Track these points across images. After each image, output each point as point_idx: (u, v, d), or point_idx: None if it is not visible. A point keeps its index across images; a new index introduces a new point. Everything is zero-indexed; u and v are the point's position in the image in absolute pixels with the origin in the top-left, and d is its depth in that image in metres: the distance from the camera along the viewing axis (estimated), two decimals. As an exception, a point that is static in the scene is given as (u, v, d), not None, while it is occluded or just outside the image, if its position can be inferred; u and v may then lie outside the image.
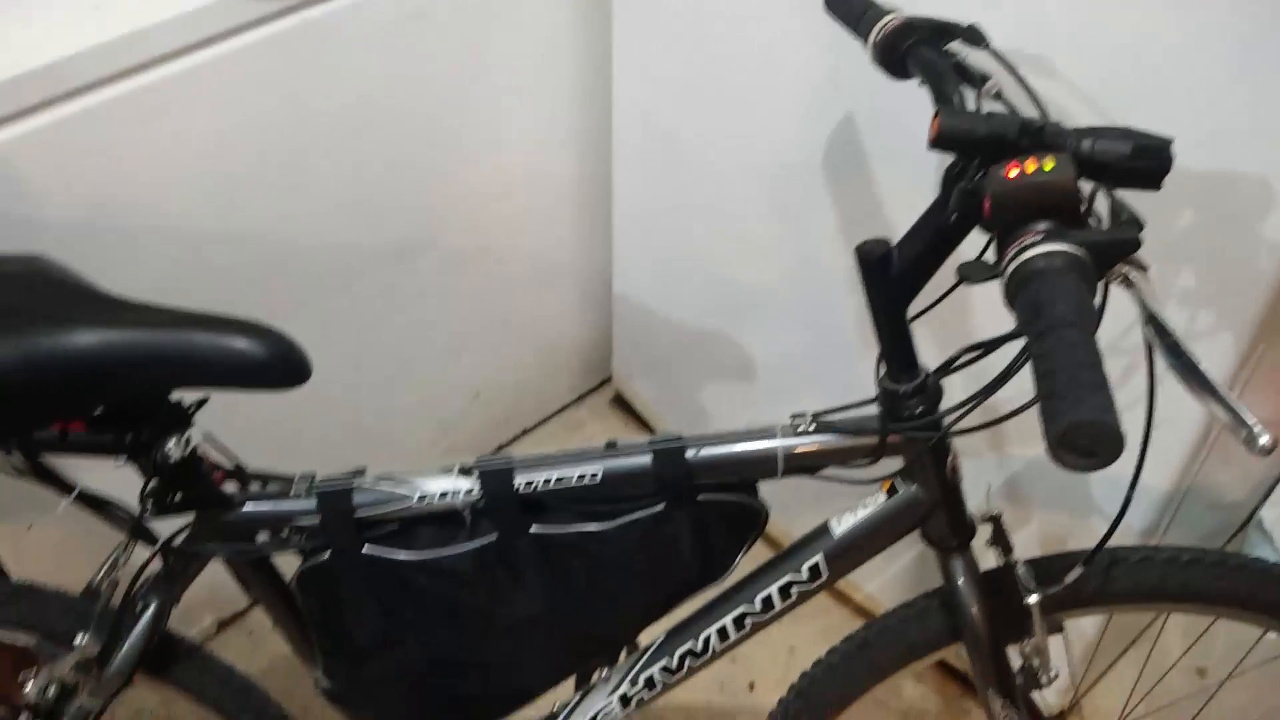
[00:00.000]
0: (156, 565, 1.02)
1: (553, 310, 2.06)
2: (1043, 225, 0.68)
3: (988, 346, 0.84)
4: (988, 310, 1.25)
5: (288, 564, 1.02)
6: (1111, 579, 0.99)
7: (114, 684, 1.05)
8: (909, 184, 1.25)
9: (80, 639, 1.03)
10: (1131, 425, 0.59)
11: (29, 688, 1.07)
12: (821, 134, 1.35)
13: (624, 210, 1.84)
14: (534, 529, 0.97)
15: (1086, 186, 0.72)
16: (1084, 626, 1.41)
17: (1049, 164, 0.69)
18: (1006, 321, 0.70)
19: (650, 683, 1.07)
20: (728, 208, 1.59)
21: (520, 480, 0.95)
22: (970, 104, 0.84)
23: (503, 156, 1.73)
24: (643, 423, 2.16)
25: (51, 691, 1.07)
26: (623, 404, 2.22)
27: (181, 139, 1.32)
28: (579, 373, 2.23)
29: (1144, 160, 0.72)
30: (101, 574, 1.07)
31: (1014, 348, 0.81)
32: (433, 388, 1.93)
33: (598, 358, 2.21)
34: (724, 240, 1.64)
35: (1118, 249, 0.69)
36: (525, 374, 2.10)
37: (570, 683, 1.14)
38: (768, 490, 1.00)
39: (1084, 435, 0.57)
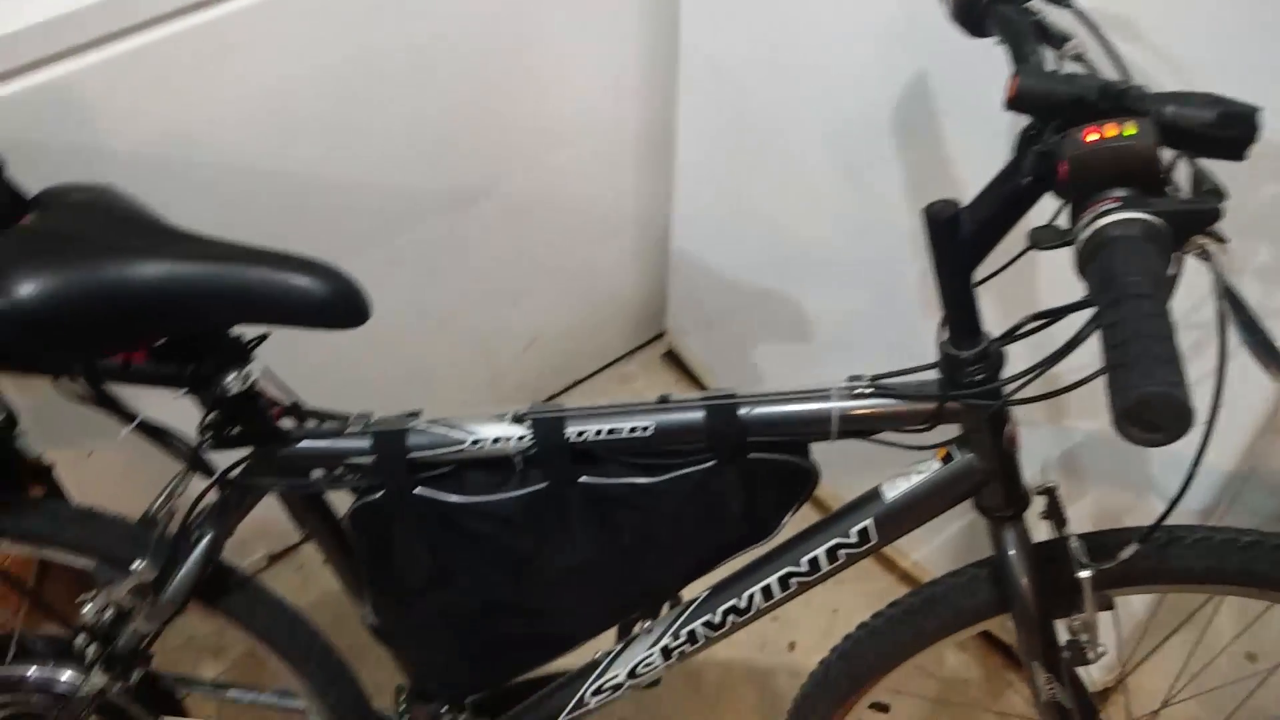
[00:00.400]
0: (213, 496, 1.04)
1: (609, 262, 2.05)
2: (1120, 192, 0.67)
3: (1054, 315, 0.82)
4: (1053, 278, 1.22)
5: (341, 501, 1.03)
6: (1167, 558, 0.97)
7: (168, 610, 1.07)
8: (979, 146, 1.23)
9: (137, 565, 1.05)
10: (1197, 403, 0.57)
11: (87, 610, 1.10)
12: (893, 91, 1.33)
13: (686, 162, 1.82)
14: (583, 479, 0.97)
15: (1167, 154, 0.70)
16: (1134, 604, 1.39)
17: (1130, 129, 0.67)
18: (1072, 291, 0.69)
19: (692, 636, 1.08)
20: (792, 163, 1.57)
21: (572, 430, 0.95)
22: (1049, 65, 0.82)
23: (567, 102, 1.72)
24: (694, 379, 2.16)
25: (108, 614, 1.10)
26: (674, 360, 2.22)
27: (249, 76, 1.32)
28: (632, 326, 2.23)
29: (1229, 128, 0.70)
30: (159, 502, 1.09)
31: (1080, 318, 0.79)
32: (487, 335, 1.94)
33: (651, 312, 2.21)
34: (787, 196, 1.62)
35: (1197, 220, 0.67)
36: (579, 325, 2.10)
37: (612, 633, 1.15)
38: (815, 450, 0.99)
39: (1152, 409, 0.56)
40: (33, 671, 1.19)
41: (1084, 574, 0.94)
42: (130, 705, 1.22)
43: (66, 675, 1.19)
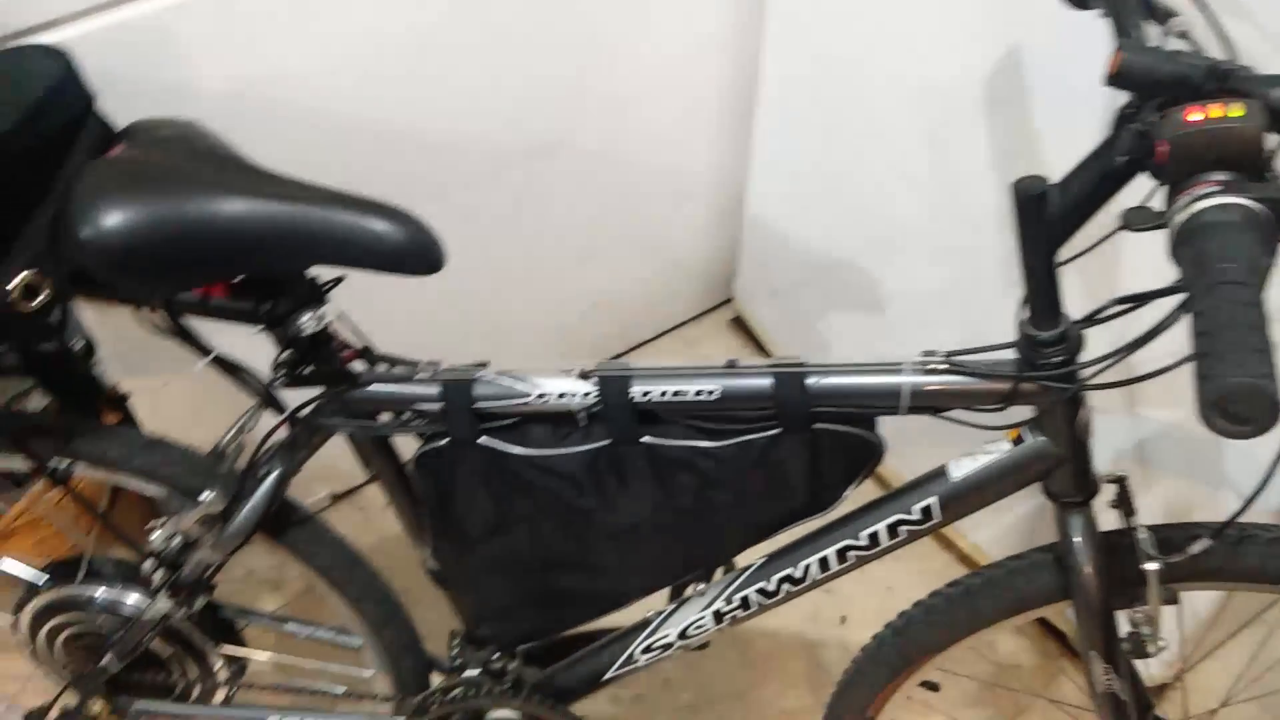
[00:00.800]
0: (282, 434, 1.06)
1: (681, 224, 2.04)
2: (1220, 176, 0.65)
3: (1141, 299, 0.80)
4: (1140, 262, 1.19)
5: (407, 446, 1.04)
6: (1238, 556, 0.95)
7: (233, 542, 1.10)
8: (1072, 123, 1.19)
9: (206, 496, 1.08)
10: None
11: (155, 536, 1.13)
12: (986, 60, 1.30)
13: (765, 126, 1.80)
14: (645, 439, 0.97)
15: (1272, 139, 0.68)
16: (1198, 601, 1.36)
17: (1236, 111, 0.65)
18: (1159, 276, 0.67)
19: (745, 602, 1.08)
20: (876, 131, 1.54)
21: (637, 389, 0.95)
22: (1153, 41, 0.79)
23: (649, 59, 1.71)
24: (759, 346, 2.15)
25: (175, 542, 1.13)
26: (741, 326, 2.21)
27: (338, 23, 1.33)
28: (700, 290, 2.22)
29: (1341, 115, 0.67)
30: (229, 436, 1.12)
31: (1166, 304, 0.77)
32: (555, 291, 1.94)
33: (721, 277, 2.20)
34: (867, 165, 1.60)
35: (1301, 208, 0.65)
36: (647, 286, 2.10)
37: (664, 593, 1.15)
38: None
39: (1240, 400, 0.54)
40: (101, 592, 1.23)
41: (1151, 566, 0.92)
42: (192, 632, 1.25)
43: (132, 599, 1.22)
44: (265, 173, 0.91)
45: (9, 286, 0.85)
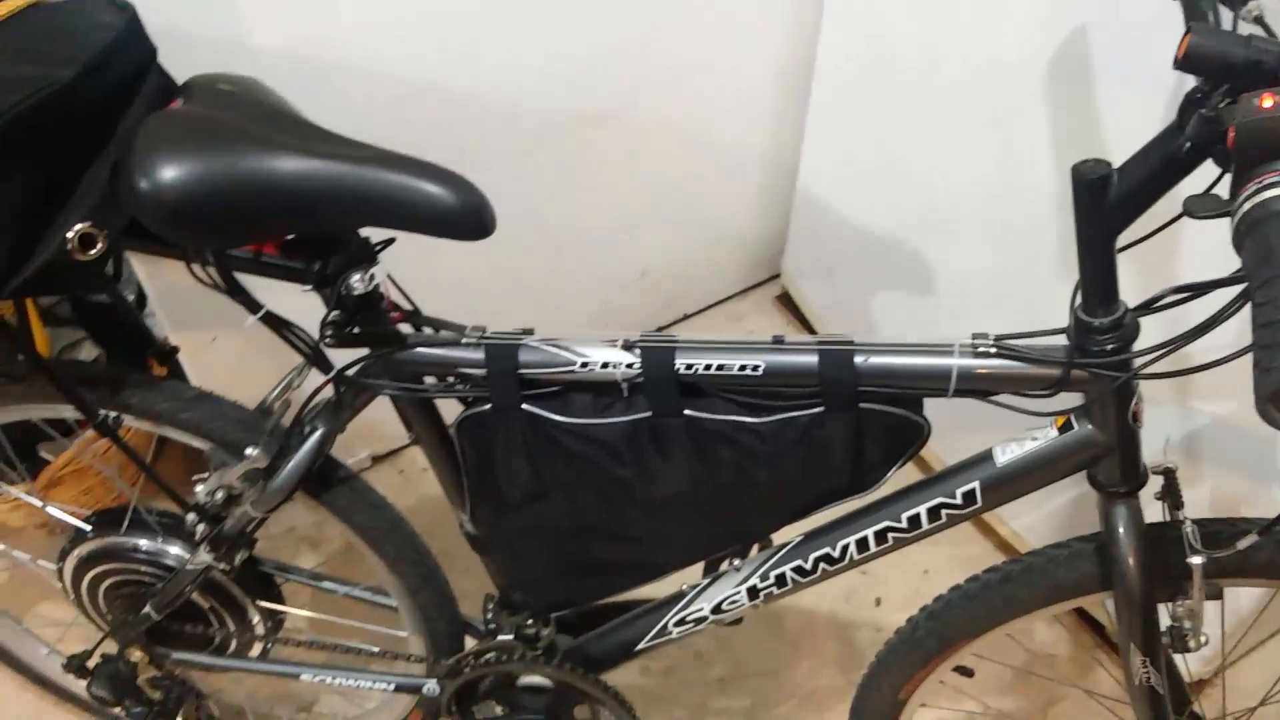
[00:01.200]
0: (328, 393, 1.06)
1: (731, 197, 2.03)
2: (1290, 165, 0.63)
3: (1200, 289, 0.78)
4: (1198, 252, 1.17)
5: (449, 410, 1.04)
6: (1286, 554, 0.94)
7: (275, 498, 1.11)
8: (1137, 107, 1.17)
9: (251, 451, 1.09)
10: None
11: (199, 490, 1.14)
12: (1051, 40, 1.28)
13: (820, 102, 1.78)
14: (688, 412, 0.97)
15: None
16: (1241, 597, 1.34)
17: (1310, 99, 0.63)
18: (1220, 265, 0.65)
19: (781, 580, 1.08)
20: (935, 110, 1.52)
21: (681, 362, 0.94)
22: (1225, 25, 0.77)
23: (712, 30, 1.70)
24: (805, 324, 2.14)
25: (219, 496, 1.14)
26: (788, 303, 2.20)
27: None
28: (747, 265, 2.21)
29: None
30: (275, 393, 1.13)
31: (1227, 294, 0.76)
32: (602, 261, 1.94)
33: (769, 252, 2.18)
34: (924, 144, 1.58)
35: (1372, 204, 0.63)
36: (694, 259, 2.09)
37: (699, 567, 1.15)
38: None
39: (1301, 394, 0.53)
40: (144, 543, 1.25)
41: (1196, 560, 0.91)
42: (231, 586, 1.27)
43: (174, 550, 1.25)
44: (321, 131, 0.91)
45: (67, 235, 0.86)
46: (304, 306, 0.99)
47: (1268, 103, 0.64)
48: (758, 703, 1.64)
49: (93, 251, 0.87)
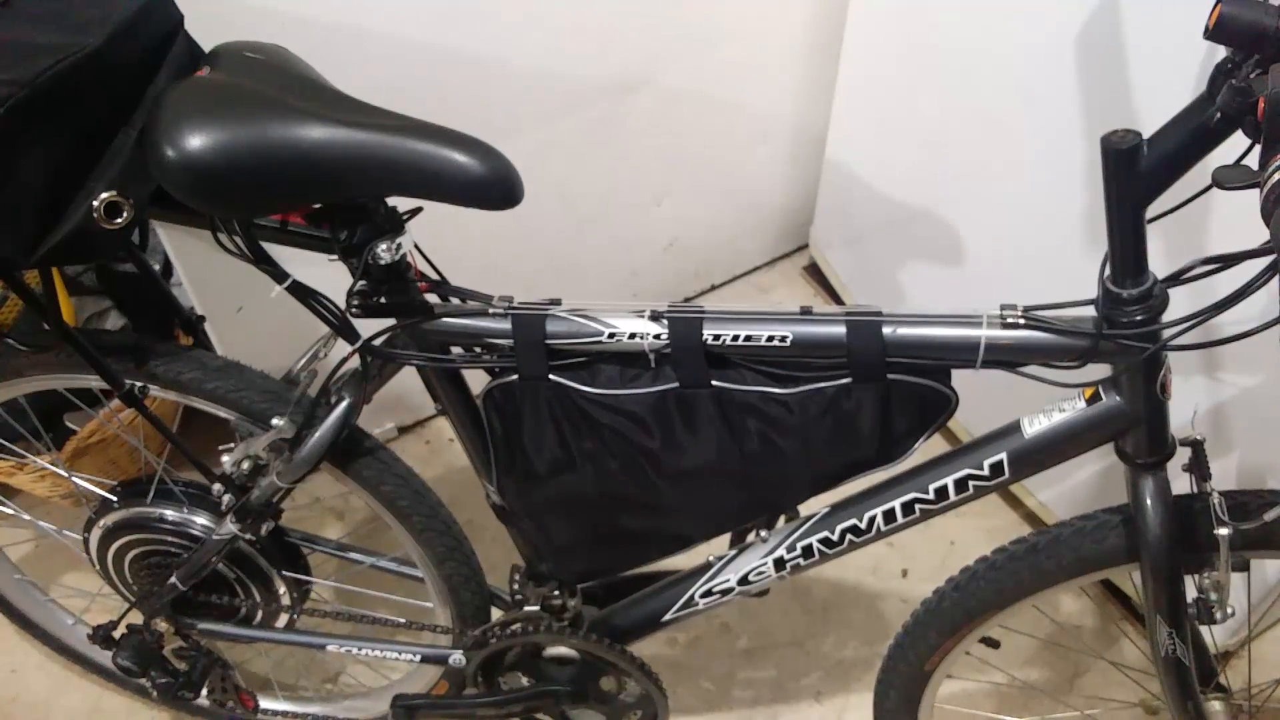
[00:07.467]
0: (354, 363, 1.06)
1: (759, 168, 2.02)
2: (1320, 137, 0.62)
3: (1229, 260, 0.78)
4: (1228, 223, 1.16)
5: (476, 380, 1.05)
6: (1315, 527, 0.93)
7: (302, 468, 1.11)
8: (1167, 78, 1.16)
9: (277, 421, 1.09)
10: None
11: (226, 460, 1.15)
12: (1083, 9, 1.26)
13: (850, 71, 1.77)
14: (715, 382, 0.97)
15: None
16: (1268, 570, 1.34)
17: (1343, 69, 0.62)
18: (1248, 237, 0.64)
19: (808, 551, 1.08)
20: (964, 78, 1.51)
21: (709, 333, 0.94)
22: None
23: (743, -2, 1.69)
24: (833, 294, 2.13)
25: (245, 466, 1.14)
26: (815, 273, 2.19)
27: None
28: (775, 236, 2.20)
29: None
30: (301, 364, 1.13)
31: (1256, 265, 0.75)
32: (629, 231, 1.94)
33: (796, 223, 2.17)
34: (953, 114, 1.56)
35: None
36: (721, 230, 2.08)
37: (726, 538, 1.15)
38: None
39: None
40: (170, 513, 1.26)
41: (1223, 531, 0.91)
42: (257, 557, 1.28)
43: (201, 520, 1.25)
44: (347, 100, 0.90)
45: (93, 203, 0.86)
46: (330, 276, 0.99)
47: (1298, 72, 0.63)
48: (784, 674, 1.64)
49: (119, 220, 0.87)
